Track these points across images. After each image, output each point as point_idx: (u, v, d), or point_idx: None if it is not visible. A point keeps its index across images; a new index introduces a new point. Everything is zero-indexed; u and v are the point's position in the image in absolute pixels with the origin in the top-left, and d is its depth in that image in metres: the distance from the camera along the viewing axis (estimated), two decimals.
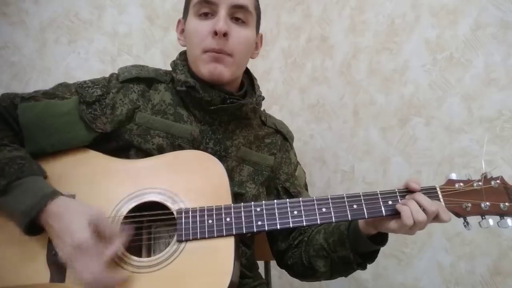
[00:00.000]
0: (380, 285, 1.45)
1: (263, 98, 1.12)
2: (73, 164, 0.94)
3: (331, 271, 1.01)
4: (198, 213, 0.86)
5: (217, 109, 1.00)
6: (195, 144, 1.00)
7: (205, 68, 0.98)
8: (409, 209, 0.82)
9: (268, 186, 1.11)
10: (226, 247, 0.84)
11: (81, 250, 0.77)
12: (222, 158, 0.98)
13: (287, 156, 1.16)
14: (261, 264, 1.26)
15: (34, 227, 0.82)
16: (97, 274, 0.76)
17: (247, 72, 1.14)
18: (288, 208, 0.87)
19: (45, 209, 0.80)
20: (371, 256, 0.97)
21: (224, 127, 1.04)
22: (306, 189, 1.19)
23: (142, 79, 1.03)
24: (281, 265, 1.14)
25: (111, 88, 1.00)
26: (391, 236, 0.93)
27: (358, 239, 0.94)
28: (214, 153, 0.96)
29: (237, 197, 1.00)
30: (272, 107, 2.00)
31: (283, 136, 1.17)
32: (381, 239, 0.93)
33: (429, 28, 1.34)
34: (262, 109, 1.17)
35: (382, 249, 0.97)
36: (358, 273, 1.01)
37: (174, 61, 1.07)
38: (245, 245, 1.08)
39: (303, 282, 1.18)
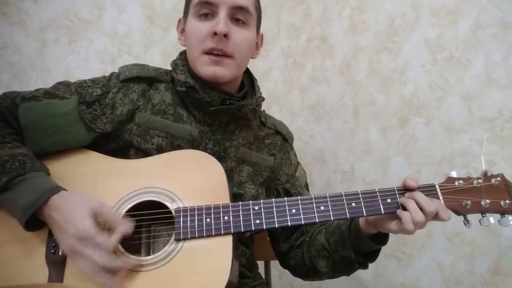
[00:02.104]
0: (380, 285, 1.45)
1: (263, 99, 1.12)
2: (73, 164, 0.94)
3: (333, 271, 1.01)
4: (196, 212, 0.86)
5: (217, 110, 1.00)
6: (194, 144, 1.00)
7: (205, 70, 0.98)
8: (409, 214, 0.81)
9: (268, 187, 1.11)
10: (224, 246, 0.84)
11: (84, 239, 0.77)
12: (221, 158, 0.98)
13: (287, 157, 1.15)
14: (261, 264, 1.26)
15: (34, 222, 0.82)
16: (101, 262, 0.76)
17: (247, 73, 1.14)
18: (286, 207, 0.87)
19: (48, 203, 0.81)
20: (373, 256, 0.97)
21: (223, 127, 1.04)
22: (307, 189, 1.19)
23: (143, 79, 1.03)
24: (283, 265, 1.14)
25: (111, 88, 1.00)
26: (391, 236, 0.93)
27: (359, 238, 0.94)
28: (213, 154, 0.95)
29: (236, 197, 1.00)
30: (272, 107, 2.00)
31: (283, 137, 1.16)
32: (382, 238, 0.93)
33: (429, 28, 1.34)
34: (262, 109, 1.17)
35: (382, 248, 0.97)
36: (358, 273, 1.01)
37: (174, 61, 1.07)
38: (245, 245, 1.08)
39: (303, 282, 1.17)
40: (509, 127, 1.13)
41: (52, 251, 0.84)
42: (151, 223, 0.92)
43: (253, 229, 0.85)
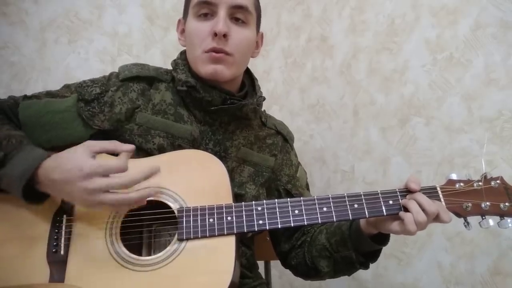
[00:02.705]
0: (380, 285, 1.45)
1: (264, 99, 1.12)
2: None
3: (334, 271, 1.01)
4: (199, 212, 0.86)
5: (218, 110, 1.00)
6: (195, 144, 1.00)
7: (205, 69, 0.98)
8: (412, 215, 0.82)
9: (268, 188, 1.11)
10: (227, 246, 0.84)
11: (95, 173, 0.77)
12: (222, 158, 0.98)
13: (287, 158, 1.15)
14: (261, 264, 1.26)
15: (33, 193, 0.81)
16: (123, 181, 0.78)
17: (248, 72, 1.14)
18: (289, 208, 0.87)
19: (42, 166, 0.80)
20: (374, 256, 0.97)
21: (224, 127, 1.04)
22: (308, 189, 1.19)
23: (143, 78, 1.03)
24: (285, 265, 1.14)
25: (110, 86, 1.00)
26: (391, 236, 0.93)
27: (360, 238, 0.94)
28: (213, 154, 0.95)
29: (237, 198, 1.00)
30: (272, 107, 2.01)
31: (284, 137, 1.16)
32: (382, 238, 0.93)
33: (429, 28, 1.34)
34: (262, 109, 1.17)
35: (382, 249, 0.97)
36: (358, 273, 1.01)
37: (175, 60, 1.07)
38: (245, 245, 1.08)
39: (303, 282, 1.18)
40: (509, 127, 1.13)
41: (54, 250, 0.84)
42: (152, 223, 0.92)
43: (256, 229, 0.86)
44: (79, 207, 0.87)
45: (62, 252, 0.84)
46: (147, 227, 0.92)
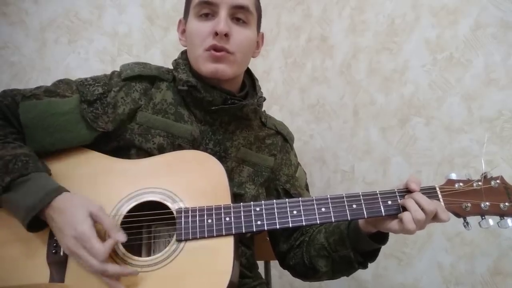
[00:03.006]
0: (380, 285, 1.45)
1: (264, 99, 1.11)
2: (74, 164, 0.94)
3: (332, 271, 1.01)
4: (197, 212, 0.86)
5: (218, 110, 1.00)
6: (195, 144, 1.00)
7: (206, 68, 0.98)
8: (410, 214, 0.82)
9: (268, 187, 1.11)
10: (225, 247, 0.84)
11: (81, 240, 0.78)
12: (221, 159, 0.98)
13: (287, 158, 1.15)
14: (261, 264, 1.26)
15: (36, 223, 0.82)
16: (94, 267, 0.78)
17: (248, 73, 1.13)
18: (288, 208, 0.87)
19: (50, 205, 0.81)
20: (372, 255, 0.97)
21: (224, 127, 1.04)
22: (307, 190, 1.19)
23: (145, 77, 1.03)
24: (283, 265, 1.14)
25: (112, 86, 1.00)
26: (391, 236, 0.93)
27: (358, 238, 0.94)
28: (213, 154, 0.95)
29: (236, 197, 1.00)
30: (272, 107, 2.01)
31: (284, 138, 1.16)
32: (381, 237, 0.93)
33: (429, 28, 1.34)
34: (262, 110, 1.17)
35: (382, 249, 0.97)
36: (358, 273, 1.01)
37: (175, 60, 1.07)
38: (245, 245, 1.08)
39: (303, 282, 1.18)
40: (509, 127, 1.13)
41: (54, 251, 0.84)
42: (151, 224, 0.92)
43: (254, 230, 0.86)
44: None
45: (61, 253, 0.84)
46: (147, 227, 0.92)
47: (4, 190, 0.82)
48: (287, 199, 0.88)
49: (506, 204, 0.85)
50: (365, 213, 0.86)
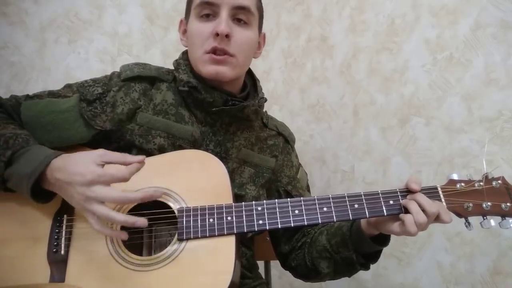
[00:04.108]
0: (380, 285, 1.45)
1: (266, 100, 1.11)
2: None
3: (334, 272, 1.01)
4: (199, 212, 0.86)
5: (219, 111, 1.00)
6: (195, 145, 1.00)
7: (207, 70, 0.98)
8: (412, 217, 0.82)
9: (269, 189, 1.11)
10: (227, 246, 0.84)
11: (95, 181, 0.77)
12: (222, 160, 0.98)
13: (288, 159, 1.15)
14: (261, 264, 1.26)
15: (42, 192, 0.82)
16: (120, 197, 0.78)
17: (249, 73, 1.13)
18: (289, 208, 0.87)
19: (50, 166, 0.81)
20: (374, 257, 0.97)
21: (225, 128, 1.04)
22: (309, 191, 1.19)
23: (144, 78, 1.03)
24: (284, 266, 1.14)
25: (112, 86, 1.00)
26: (391, 236, 0.93)
27: (360, 239, 0.94)
28: (214, 155, 0.95)
29: (237, 198, 1.00)
30: (272, 107, 2.01)
31: (285, 139, 1.16)
32: (383, 239, 0.93)
33: (429, 28, 1.34)
34: (264, 110, 1.17)
35: (382, 250, 0.97)
36: (358, 273, 1.01)
37: (176, 60, 1.07)
38: (245, 246, 1.08)
39: (303, 282, 1.18)
40: (509, 127, 1.13)
41: (54, 250, 0.84)
42: (152, 223, 0.92)
43: (256, 229, 0.86)
44: None
45: (62, 252, 0.84)
46: (148, 227, 0.92)
47: (6, 165, 0.82)
48: (288, 199, 0.88)
49: (508, 204, 0.85)
50: (367, 213, 0.86)
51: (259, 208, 0.87)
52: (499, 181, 0.87)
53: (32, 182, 0.79)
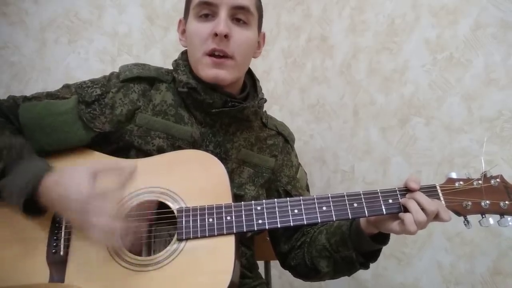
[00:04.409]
0: (380, 285, 1.45)
1: (265, 101, 1.11)
2: (73, 164, 0.94)
3: (334, 271, 1.01)
4: (198, 212, 0.86)
5: (219, 112, 0.99)
6: (195, 146, 1.00)
7: (206, 73, 0.97)
8: (411, 215, 0.82)
9: (268, 188, 1.11)
10: (226, 246, 0.84)
11: (91, 199, 0.75)
12: (222, 160, 0.98)
13: (288, 159, 1.15)
14: (261, 264, 1.26)
15: (33, 207, 0.81)
16: (116, 214, 0.75)
17: (249, 73, 1.13)
18: (289, 207, 0.87)
19: (42, 182, 0.79)
20: (374, 256, 0.97)
21: (225, 129, 1.04)
22: (308, 191, 1.19)
23: (144, 78, 1.02)
24: (284, 266, 1.14)
25: (110, 87, 1.00)
26: (391, 236, 0.93)
27: (360, 238, 0.94)
28: (214, 156, 0.95)
29: (236, 198, 0.99)
30: (272, 107, 2.01)
31: (285, 138, 1.16)
32: (383, 238, 0.93)
33: (429, 28, 1.34)
34: (263, 110, 1.16)
35: (382, 248, 0.97)
36: (358, 273, 1.01)
37: (175, 60, 1.06)
38: (245, 245, 1.08)
39: (303, 282, 1.18)
40: (509, 127, 1.13)
41: (53, 251, 0.84)
42: (152, 223, 0.92)
43: (255, 229, 0.85)
44: None
45: (61, 253, 0.84)
46: (147, 227, 0.92)
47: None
48: (288, 198, 0.88)
49: (506, 202, 0.85)
50: (366, 211, 0.85)
51: (259, 208, 0.87)
52: (498, 180, 0.87)
53: (24, 198, 0.79)
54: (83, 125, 0.95)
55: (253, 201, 0.88)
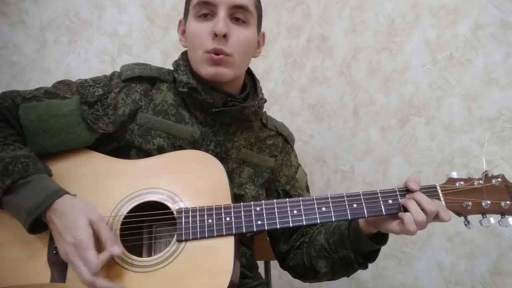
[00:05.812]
0: (380, 285, 1.45)
1: (265, 101, 1.11)
2: (74, 164, 0.94)
3: (332, 272, 1.01)
4: (198, 212, 0.86)
5: (219, 112, 1.00)
6: (196, 146, 1.00)
7: (206, 71, 0.97)
8: (411, 215, 0.82)
9: (268, 188, 1.11)
10: (226, 247, 0.84)
11: (79, 248, 0.77)
12: (222, 160, 0.98)
13: (287, 159, 1.15)
14: (261, 264, 1.26)
15: (37, 225, 0.82)
16: (85, 278, 0.76)
17: (249, 73, 1.13)
18: (288, 208, 0.87)
19: (51, 207, 0.81)
20: (372, 256, 0.97)
21: (225, 129, 1.04)
22: (308, 191, 1.19)
23: (145, 78, 1.02)
24: (283, 266, 1.14)
25: (112, 87, 1.00)
26: (391, 236, 0.93)
27: (359, 238, 0.94)
28: (214, 155, 0.95)
29: (236, 198, 0.99)
30: (272, 107, 2.01)
31: (285, 139, 1.16)
32: (381, 238, 0.93)
33: (429, 28, 1.34)
34: (263, 111, 1.16)
35: (382, 249, 0.97)
36: (358, 273, 1.01)
37: (176, 61, 1.06)
38: (245, 245, 1.08)
39: (303, 282, 1.18)
40: (509, 127, 1.13)
41: (54, 252, 0.84)
42: (152, 224, 0.92)
43: (254, 230, 0.85)
44: None
45: None
46: (147, 228, 0.92)
47: (5, 193, 0.83)
48: (287, 199, 0.88)
49: (507, 202, 0.85)
50: (365, 212, 0.85)
51: (258, 209, 0.87)
52: (499, 179, 0.87)
53: (31, 220, 0.80)
54: (87, 126, 0.95)
55: (252, 202, 0.88)
